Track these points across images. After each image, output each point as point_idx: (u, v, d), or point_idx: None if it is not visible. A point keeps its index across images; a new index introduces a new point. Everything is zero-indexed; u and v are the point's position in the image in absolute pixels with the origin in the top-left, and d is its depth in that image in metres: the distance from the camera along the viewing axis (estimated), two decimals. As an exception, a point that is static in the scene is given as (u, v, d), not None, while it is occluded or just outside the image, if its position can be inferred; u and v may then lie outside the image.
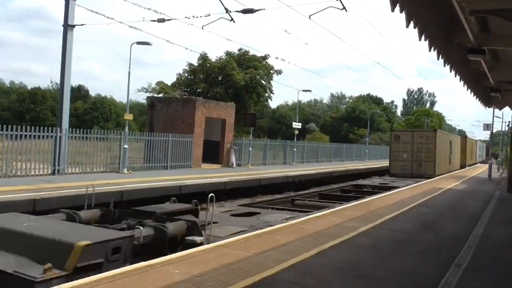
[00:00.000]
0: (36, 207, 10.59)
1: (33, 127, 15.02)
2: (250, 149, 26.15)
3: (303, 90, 36.14)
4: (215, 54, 66.41)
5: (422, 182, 21.92)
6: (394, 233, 8.68)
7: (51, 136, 15.65)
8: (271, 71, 38.17)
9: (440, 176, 26.51)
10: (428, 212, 11.72)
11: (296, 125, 32.99)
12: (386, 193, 16.43)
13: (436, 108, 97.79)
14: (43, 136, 15.33)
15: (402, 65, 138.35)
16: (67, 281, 5.03)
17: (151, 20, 17.75)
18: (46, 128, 15.57)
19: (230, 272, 5.49)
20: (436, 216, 11.23)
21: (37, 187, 11.89)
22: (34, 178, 14.02)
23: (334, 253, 6.83)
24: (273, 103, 77.20)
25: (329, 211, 11.15)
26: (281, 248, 6.90)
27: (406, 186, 19.88)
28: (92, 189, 9.07)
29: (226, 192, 17.47)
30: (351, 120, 76.18)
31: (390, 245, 7.67)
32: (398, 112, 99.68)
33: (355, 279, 5.64)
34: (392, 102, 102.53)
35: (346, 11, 14.83)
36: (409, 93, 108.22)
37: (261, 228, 8.88)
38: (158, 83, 38.20)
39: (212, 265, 5.70)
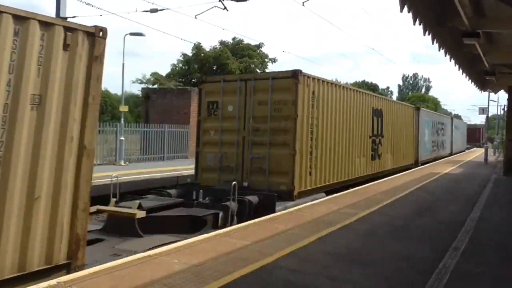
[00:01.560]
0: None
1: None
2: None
3: (298, 78, 35.99)
4: (209, 43, 66.06)
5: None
6: (391, 218, 8.71)
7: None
8: (266, 60, 38.00)
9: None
10: (425, 197, 11.77)
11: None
12: (385, 179, 16.38)
13: (432, 93, 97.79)
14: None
15: (397, 52, 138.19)
16: None
17: (144, 11, 17.65)
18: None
19: (229, 261, 5.51)
20: (434, 200, 11.28)
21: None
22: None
23: (332, 239, 6.86)
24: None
25: (327, 198, 11.17)
26: (280, 235, 6.92)
27: None
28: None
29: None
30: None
31: (387, 231, 7.69)
32: (394, 98, 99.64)
33: (354, 265, 5.67)
34: (387, 88, 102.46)
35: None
36: (404, 78, 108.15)
37: None
38: (153, 74, 37.92)
39: (211, 255, 5.71)
